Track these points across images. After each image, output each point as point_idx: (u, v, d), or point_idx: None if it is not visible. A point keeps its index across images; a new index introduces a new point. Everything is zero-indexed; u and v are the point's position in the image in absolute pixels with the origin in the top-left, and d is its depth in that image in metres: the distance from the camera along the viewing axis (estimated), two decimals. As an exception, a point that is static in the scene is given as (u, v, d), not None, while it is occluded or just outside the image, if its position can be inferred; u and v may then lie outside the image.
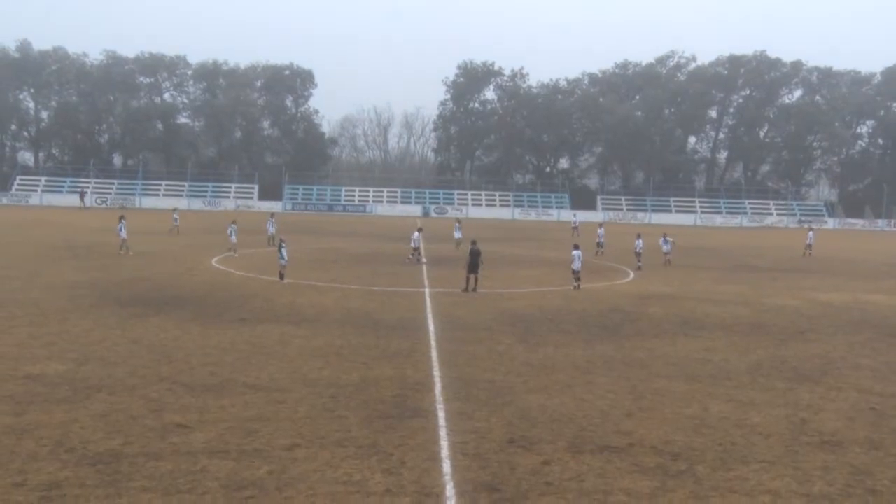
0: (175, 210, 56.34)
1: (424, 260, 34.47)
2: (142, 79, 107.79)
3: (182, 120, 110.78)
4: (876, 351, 17.66)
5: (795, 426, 11.67)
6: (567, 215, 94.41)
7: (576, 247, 27.88)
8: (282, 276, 27.04)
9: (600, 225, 46.86)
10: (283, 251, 27.53)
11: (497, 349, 16.57)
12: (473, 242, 26.99)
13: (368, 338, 17.37)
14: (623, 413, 12.04)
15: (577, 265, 27.11)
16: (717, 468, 9.81)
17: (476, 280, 25.78)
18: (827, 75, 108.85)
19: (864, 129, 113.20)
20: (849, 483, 9.47)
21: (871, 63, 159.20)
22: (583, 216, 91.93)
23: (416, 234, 35.87)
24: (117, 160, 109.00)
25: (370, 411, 11.71)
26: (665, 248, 38.52)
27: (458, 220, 48.52)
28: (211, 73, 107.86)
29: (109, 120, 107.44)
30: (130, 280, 25.95)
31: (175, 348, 15.64)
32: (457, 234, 44.35)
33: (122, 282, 25.48)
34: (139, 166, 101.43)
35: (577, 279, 26.71)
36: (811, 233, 49.29)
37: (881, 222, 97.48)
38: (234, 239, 36.57)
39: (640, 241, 36.78)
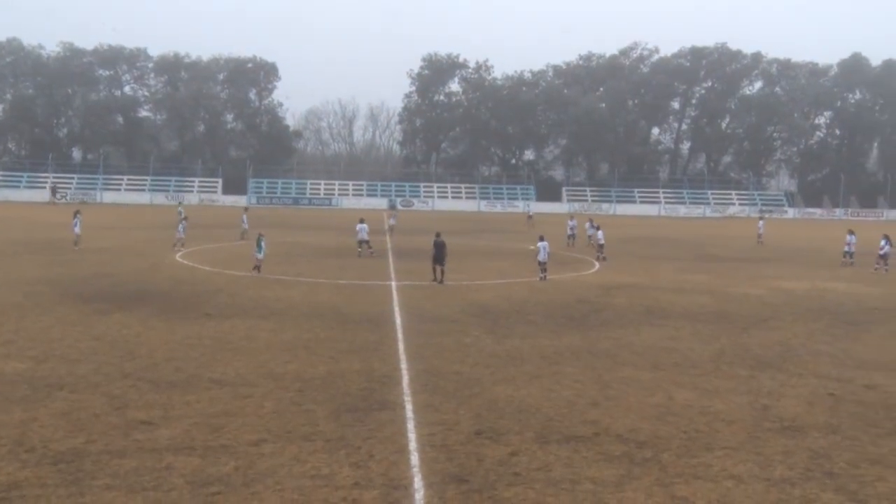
0: (180, 204, 55.55)
1: (371, 251, 34.05)
2: (101, 71, 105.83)
3: (143, 113, 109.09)
4: (834, 337, 18.04)
5: (757, 412, 11.88)
6: (532, 207, 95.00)
7: (541, 238, 27.83)
8: (258, 269, 27.06)
9: (571, 217, 47.10)
10: (262, 244, 27.51)
11: (464, 341, 16.60)
12: (437, 234, 27.25)
13: (336, 331, 17.29)
14: (589, 402, 12.14)
15: (542, 256, 27.11)
16: (681, 455, 9.95)
17: (442, 272, 25.97)
18: (786, 67, 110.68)
19: (821, 121, 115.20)
20: (808, 467, 9.68)
21: (827, 55, 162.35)
22: (548, 208, 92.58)
23: (360, 225, 34.96)
24: (77, 154, 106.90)
25: (338, 405, 11.67)
26: (592, 232, 38.53)
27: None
28: (172, 66, 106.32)
29: (68, 113, 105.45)
30: (92, 276, 25.52)
31: (138, 344, 15.43)
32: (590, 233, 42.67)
33: (84, 278, 25.04)
34: (100, 161, 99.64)
35: (544, 270, 26.81)
36: (761, 222, 50.80)
37: (838, 211, 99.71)
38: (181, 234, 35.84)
39: (600, 232, 36.75)
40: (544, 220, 61.48)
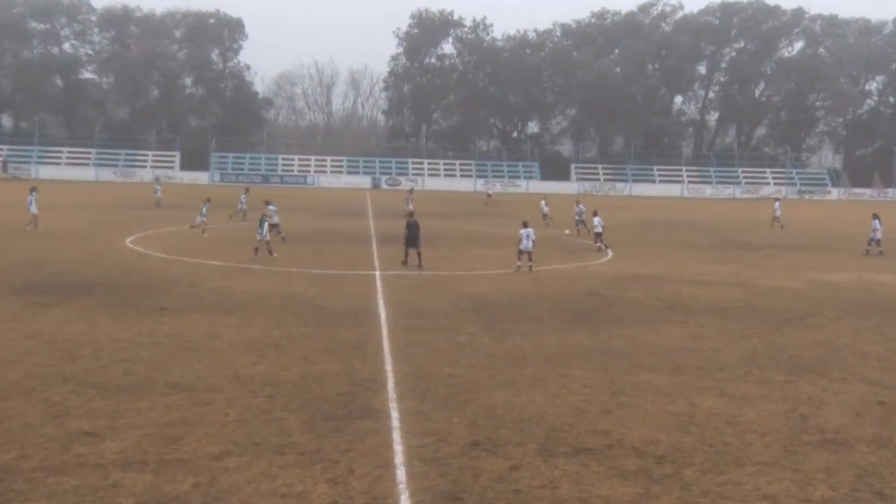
0: (157, 180, 55.38)
1: (283, 236, 33.83)
2: (34, 25, 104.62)
3: (86, 75, 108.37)
4: (885, 337, 18.08)
5: (795, 423, 11.90)
6: (537, 186, 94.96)
7: (525, 224, 27.37)
8: (255, 252, 27.84)
9: (578, 201, 47.22)
10: (265, 225, 28.31)
11: (458, 339, 16.58)
12: (410, 214, 28.17)
13: (311, 328, 17.26)
14: (600, 410, 12.15)
15: (526, 244, 26.63)
16: (706, 471, 9.96)
17: (419, 255, 26.69)
18: (832, 24, 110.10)
19: (873, 86, 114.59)
20: (855, 486, 9.68)
21: (881, 9, 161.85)
22: (554, 188, 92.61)
23: (269, 207, 34.50)
24: (6, 122, 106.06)
25: (313, 412, 11.64)
26: (579, 216, 38.62)
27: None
28: (120, 20, 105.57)
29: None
30: (28, 264, 25.39)
31: (82, 343, 15.36)
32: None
33: (18, 266, 24.91)
34: (35, 130, 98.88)
35: (530, 260, 26.44)
36: (777, 203, 51.08)
37: (892, 192, 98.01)
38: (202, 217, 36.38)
39: (597, 218, 36.34)
40: (524, 201, 61.51)
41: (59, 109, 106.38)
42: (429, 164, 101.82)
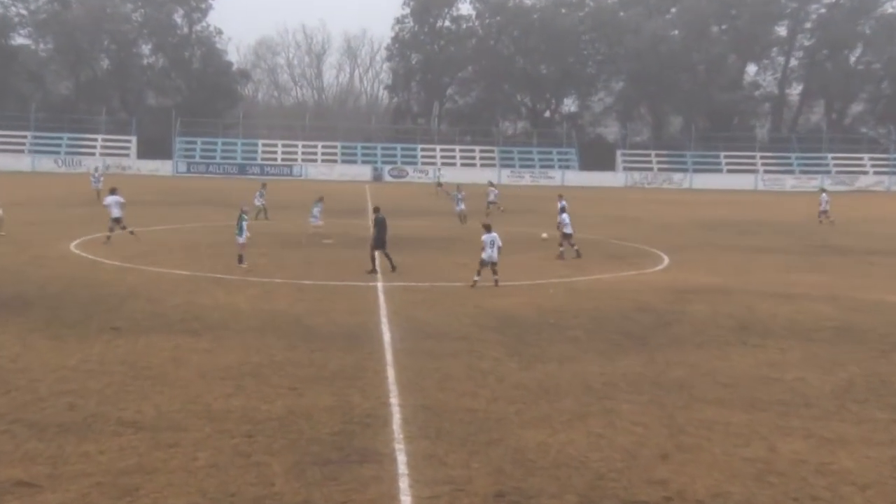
0: (96, 169, 55.61)
1: (132, 230, 33.93)
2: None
3: (19, 40, 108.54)
4: None
5: (901, 471, 11.80)
6: (575, 177, 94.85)
7: (488, 228, 26.15)
8: (240, 259, 27.89)
9: (560, 196, 45.43)
10: (244, 224, 28.34)
11: (479, 366, 16.56)
12: (376, 210, 28.72)
13: (298, 352, 17.26)
14: (656, 454, 12.09)
15: (490, 253, 25.50)
16: (789, 530, 9.88)
17: (390, 259, 27.41)
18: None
19: None
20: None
21: None
22: (595, 179, 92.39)
23: (110, 197, 34.68)
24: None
25: (301, 456, 11.64)
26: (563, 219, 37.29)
27: (458, 188, 49.38)
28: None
29: None
30: (-48, 274, 25.57)
31: (15, 372, 15.41)
32: (459, 206, 45.43)
33: (-60, 277, 25.08)
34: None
35: (495, 273, 25.90)
36: (825, 195, 51.07)
37: None
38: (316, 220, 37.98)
39: (565, 215, 35.19)
40: (551, 196, 61.26)
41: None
42: (442, 150, 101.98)
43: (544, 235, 37.26)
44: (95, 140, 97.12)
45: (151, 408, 13.55)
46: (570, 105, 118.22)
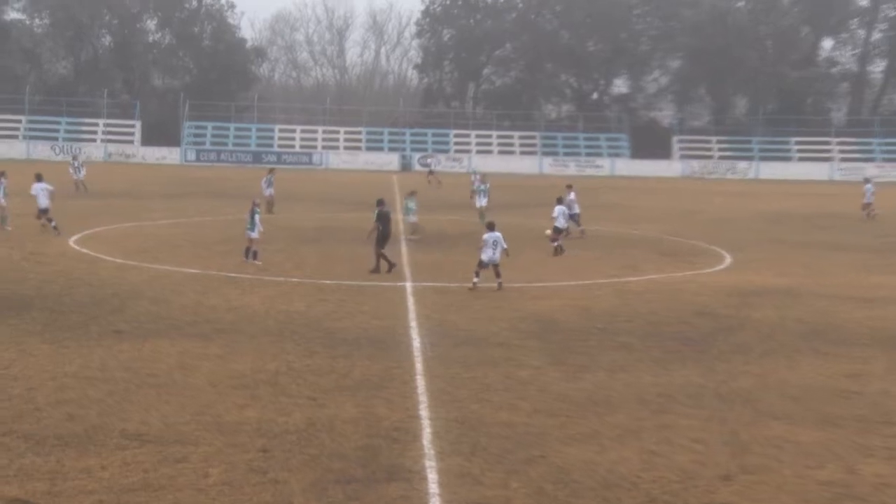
0: (75, 158, 55.94)
1: (54, 224, 33.98)
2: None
3: (12, 15, 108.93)
4: None
5: None
6: (625, 166, 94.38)
7: (491, 227, 25.92)
8: (254, 255, 28.17)
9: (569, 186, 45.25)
10: (257, 218, 28.55)
11: (518, 375, 16.55)
12: (380, 203, 28.58)
13: (318, 359, 17.31)
14: (717, 475, 12.03)
15: (489, 255, 25.18)
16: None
17: (386, 259, 27.41)
18: None
19: None
20: None
21: None
22: (648, 168, 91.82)
23: (37, 185, 35.23)
24: None
25: (322, 473, 11.68)
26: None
27: (479, 175, 48.68)
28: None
29: None
30: (-59, 272, 25.85)
31: (9, 379, 15.53)
32: (480, 201, 44.01)
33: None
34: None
35: (498, 276, 25.72)
36: (869, 185, 50.48)
37: None
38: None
39: (560, 208, 35.07)
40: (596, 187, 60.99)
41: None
42: (477, 136, 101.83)
43: (548, 232, 37.15)
44: (96, 125, 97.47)
45: (158, 419, 13.63)
46: (620, 86, 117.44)
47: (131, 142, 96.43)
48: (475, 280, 25.26)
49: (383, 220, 27.87)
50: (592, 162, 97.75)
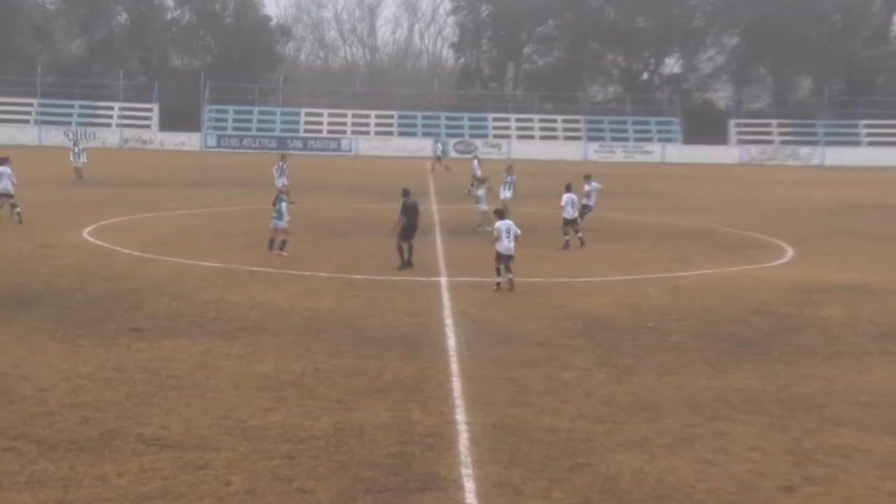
0: (75, 143, 56.18)
1: (18, 210, 34.15)
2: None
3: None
4: None
5: None
6: (677, 152, 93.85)
7: (500, 214, 25.72)
8: (281, 246, 28.38)
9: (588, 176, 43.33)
10: (283, 205, 28.74)
11: (562, 377, 16.53)
12: (406, 193, 28.17)
13: (347, 359, 17.36)
14: (779, 486, 11.97)
15: (508, 245, 24.53)
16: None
17: (410, 252, 27.22)
18: None
19: None
20: None
21: None
22: (702, 154, 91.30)
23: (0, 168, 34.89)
24: None
25: (351, 481, 11.70)
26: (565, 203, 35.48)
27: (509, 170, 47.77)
28: None
29: None
30: (-53, 265, 26.10)
31: (20, 379, 15.64)
32: (504, 193, 42.80)
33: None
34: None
35: (509, 271, 25.43)
36: None
37: None
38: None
39: (568, 195, 34.24)
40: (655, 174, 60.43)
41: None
42: (517, 120, 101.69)
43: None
44: (112, 109, 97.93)
45: (178, 423, 13.69)
46: (672, 65, 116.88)
47: (148, 126, 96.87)
48: (498, 280, 24.73)
49: (409, 211, 27.59)
50: (641, 148, 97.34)
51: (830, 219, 43.61)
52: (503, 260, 24.71)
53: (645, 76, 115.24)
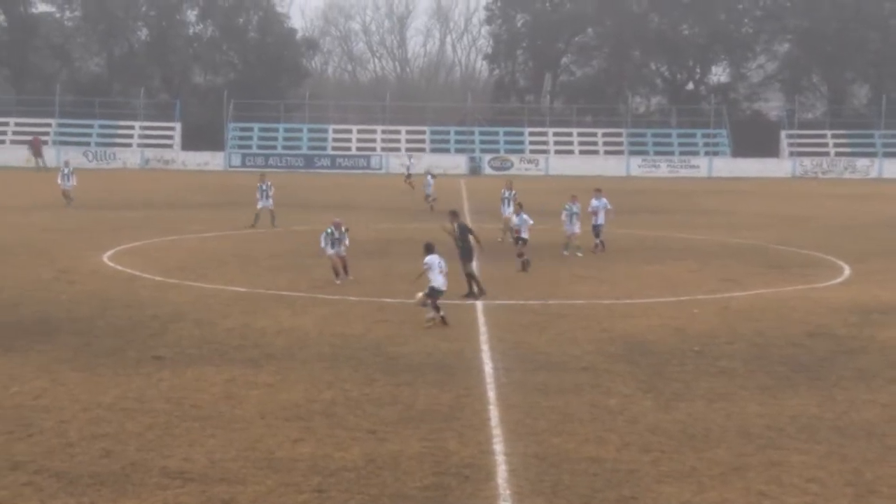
0: (66, 164, 56.61)
1: None
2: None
3: (41, 8, 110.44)
4: None
5: None
6: (725, 166, 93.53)
7: (429, 248, 23.88)
8: (344, 271, 28.61)
9: (598, 190, 42.39)
10: (345, 236, 28.97)
11: (605, 404, 16.50)
12: (454, 214, 28.14)
13: (379, 387, 17.38)
14: (836, 517, 11.88)
15: (441, 279, 23.18)
16: None
17: (469, 277, 26.36)
18: None
19: None
20: None
21: None
22: (751, 168, 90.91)
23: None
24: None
25: (383, 516, 11.70)
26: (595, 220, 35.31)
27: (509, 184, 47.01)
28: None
29: None
30: (-38, 292, 26.30)
31: (39, 410, 15.75)
32: (506, 210, 41.53)
33: (-51, 296, 25.82)
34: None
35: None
36: None
37: None
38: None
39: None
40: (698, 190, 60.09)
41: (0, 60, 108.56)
42: (556, 135, 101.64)
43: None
44: (132, 128, 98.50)
45: (202, 455, 13.75)
46: (719, 74, 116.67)
47: (170, 146, 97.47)
48: (433, 315, 22.98)
49: (463, 234, 27.03)
50: (687, 162, 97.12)
51: (890, 234, 43.29)
52: (437, 295, 23.11)
53: (690, 86, 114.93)
